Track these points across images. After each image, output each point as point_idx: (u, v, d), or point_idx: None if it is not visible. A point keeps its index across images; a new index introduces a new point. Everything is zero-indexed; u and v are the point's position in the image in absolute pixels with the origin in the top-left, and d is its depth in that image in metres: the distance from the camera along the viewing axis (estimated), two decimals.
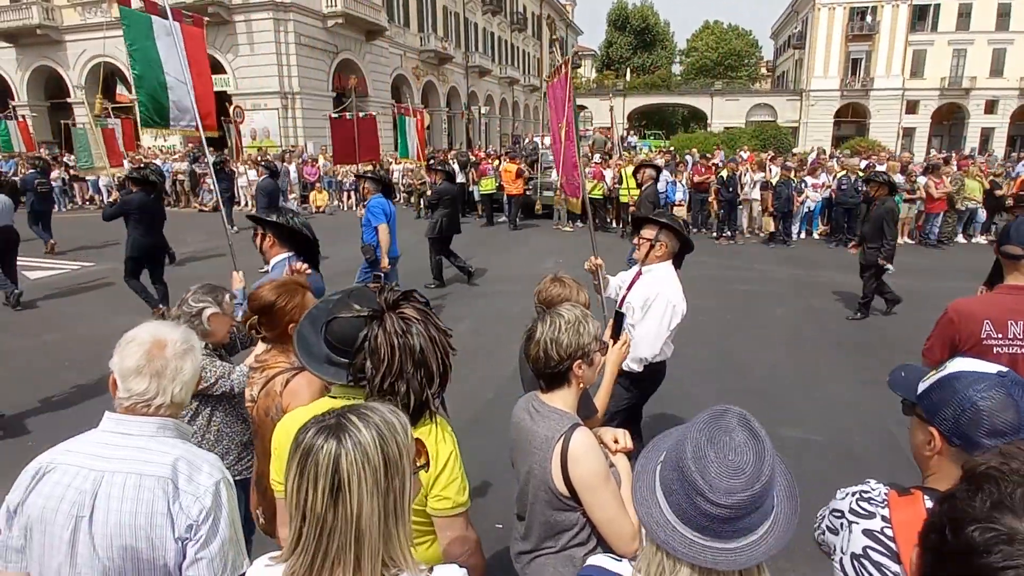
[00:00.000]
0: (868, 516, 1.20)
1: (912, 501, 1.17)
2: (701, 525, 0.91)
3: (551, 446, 1.56)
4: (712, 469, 0.90)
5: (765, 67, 59.64)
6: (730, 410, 0.97)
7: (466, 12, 36.88)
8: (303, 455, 0.94)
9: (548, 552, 1.66)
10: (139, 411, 1.35)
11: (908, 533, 1.11)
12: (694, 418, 0.99)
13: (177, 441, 1.37)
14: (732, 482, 0.89)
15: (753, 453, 0.91)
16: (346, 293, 1.51)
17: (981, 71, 39.13)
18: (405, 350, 1.34)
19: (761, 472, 0.90)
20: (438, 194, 8.66)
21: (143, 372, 1.34)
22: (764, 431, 0.95)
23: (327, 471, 0.92)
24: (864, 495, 1.24)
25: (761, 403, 4.91)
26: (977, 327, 2.12)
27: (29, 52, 26.29)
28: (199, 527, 1.28)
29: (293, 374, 1.94)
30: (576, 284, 2.36)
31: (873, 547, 1.16)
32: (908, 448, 1.33)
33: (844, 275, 8.56)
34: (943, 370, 1.22)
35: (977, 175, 12.68)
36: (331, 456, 0.92)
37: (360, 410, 0.99)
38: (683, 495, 0.92)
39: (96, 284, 8.84)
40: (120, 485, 1.27)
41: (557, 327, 1.63)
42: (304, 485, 0.92)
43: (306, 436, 0.95)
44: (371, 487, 0.93)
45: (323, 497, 0.91)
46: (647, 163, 10.64)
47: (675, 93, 49.06)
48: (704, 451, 0.92)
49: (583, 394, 1.78)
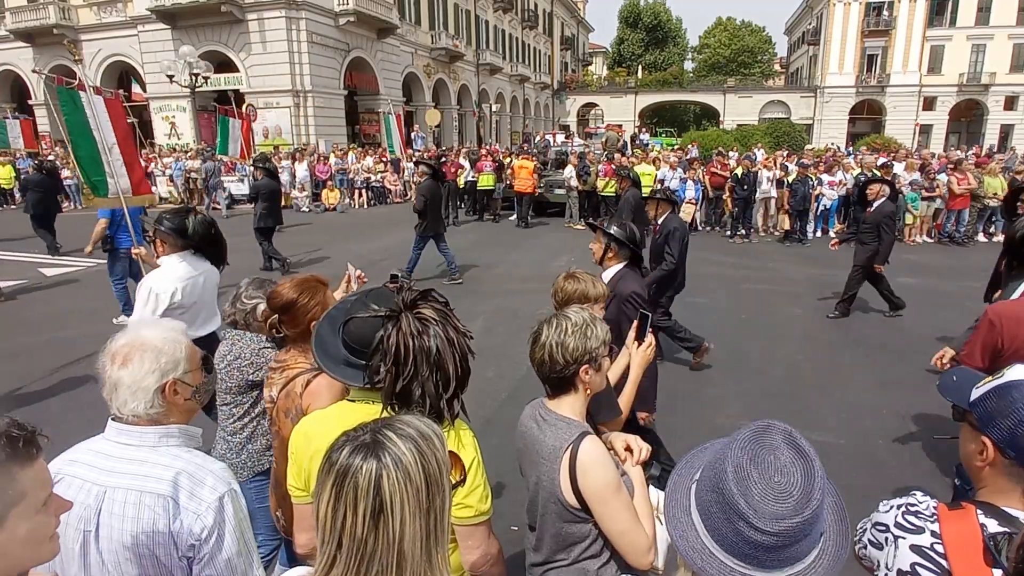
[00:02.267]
0: (916, 531, 1.12)
1: (964, 516, 1.10)
2: (743, 552, 0.84)
3: (559, 456, 1.50)
4: (756, 491, 0.82)
5: (779, 64, 59.05)
6: (774, 426, 0.89)
7: (477, 9, 36.82)
8: (339, 476, 0.86)
9: (560, 565, 1.60)
10: (135, 421, 1.30)
11: (961, 550, 1.05)
12: (734, 434, 0.92)
13: (181, 451, 1.32)
14: (778, 507, 0.81)
15: (801, 474, 0.84)
16: (364, 293, 1.47)
17: (1001, 66, 38.38)
18: (420, 351, 1.29)
19: (811, 496, 0.82)
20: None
21: (100, 380, 1.31)
22: (813, 449, 0.88)
23: (367, 493, 0.84)
24: (911, 508, 1.17)
25: (779, 405, 4.82)
26: (1022, 331, 2.03)
27: (46, 51, 26.61)
28: (202, 546, 1.24)
29: (314, 375, 1.90)
30: (591, 277, 2.30)
31: (922, 564, 1.08)
32: (931, 454, 1.26)
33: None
34: (1000, 377, 1.15)
35: (997, 173, 12.41)
36: (372, 477, 0.85)
37: (394, 424, 0.92)
38: (723, 519, 0.85)
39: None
40: (121, 502, 1.23)
41: (563, 330, 1.56)
42: (342, 508, 0.85)
43: (341, 456, 0.88)
44: (414, 508, 0.86)
45: (364, 521, 0.84)
46: (622, 168, 10.26)
47: (687, 90, 48.73)
48: (747, 471, 0.84)
49: (608, 394, 1.72)
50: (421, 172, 8.95)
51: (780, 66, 58.78)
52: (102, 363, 1.31)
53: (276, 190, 9.77)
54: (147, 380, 1.30)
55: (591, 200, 14.48)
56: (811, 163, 13.59)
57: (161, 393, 1.31)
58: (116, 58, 25.96)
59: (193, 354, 1.41)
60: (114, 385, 1.29)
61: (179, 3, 22.32)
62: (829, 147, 23.08)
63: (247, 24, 22.85)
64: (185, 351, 1.38)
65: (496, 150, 19.90)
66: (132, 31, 24.56)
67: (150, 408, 1.30)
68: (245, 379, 2.29)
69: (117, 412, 1.30)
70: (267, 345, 2.33)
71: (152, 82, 24.16)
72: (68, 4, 25.73)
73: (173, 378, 1.33)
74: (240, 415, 2.35)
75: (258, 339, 2.35)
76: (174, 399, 1.34)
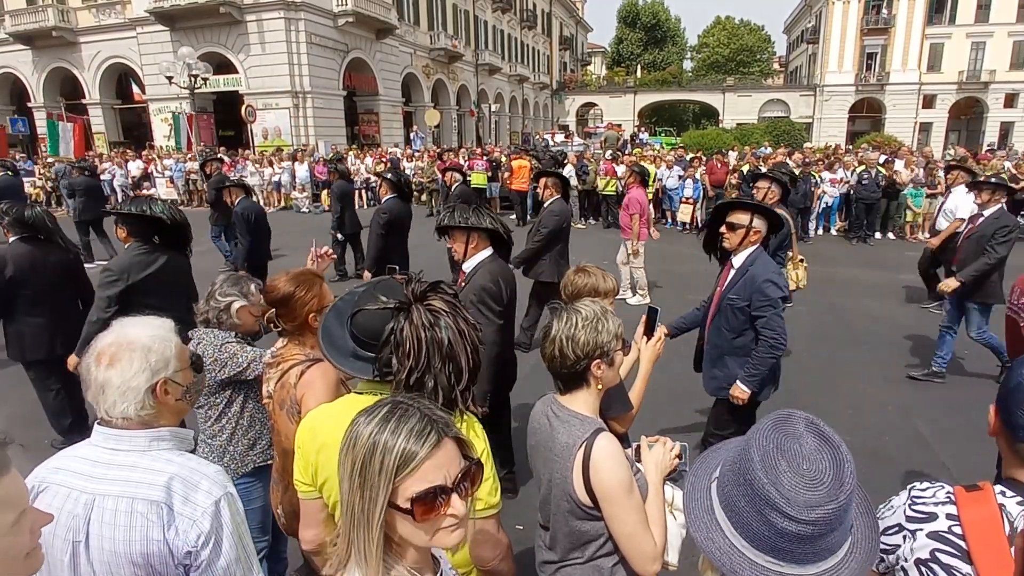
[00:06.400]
0: (929, 518, 1.10)
1: (982, 497, 1.08)
2: (776, 547, 0.80)
3: (572, 454, 1.47)
4: (786, 480, 0.79)
5: (778, 62, 59.07)
6: (794, 414, 0.87)
7: (476, 10, 36.82)
8: (367, 453, 0.85)
9: (575, 563, 1.57)
10: (124, 424, 1.25)
11: (981, 531, 1.03)
12: (754, 427, 0.88)
13: (173, 455, 1.27)
14: (811, 494, 0.78)
15: (829, 460, 0.81)
16: (372, 285, 1.44)
17: (1001, 64, 38.35)
18: (433, 344, 1.26)
19: (843, 481, 0.80)
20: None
21: (85, 382, 1.25)
22: (836, 435, 0.85)
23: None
24: (916, 500, 1.15)
25: (784, 402, 4.78)
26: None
27: (45, 54, 26.61)
28: (198, 553, 1.19)
29: (307, 366, 1.88)
30: (601, 271, 2.28)
31: (941, 548, 1.06)
32: (939, 450, 1.24)
33: (865, 271, 8.39)
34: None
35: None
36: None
37: (404, 402, 0.91)
38: (752, 512, 0.81)
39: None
40: (112, 510, 1.18)
41: (574, 324, 1.53)
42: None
43: (364, 429, 0.88)
44: None
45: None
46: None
47: (686, 89, 48.72)
48: (774, 460, 0.81)
49: (618, 388, 1.68)
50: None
51: (779, 65, 58.80)
52: (86, 365, 1.25)
53: (96, 187, 10.42)
54: (137, 380, 1.23)
55: (591, 199, 14.46)
56: (813, 160, 13.55)
57: (152, 393, 1.26)
58: (115, 60, 25.94)
59: (183, 352, 1.35)
60: (101, 387, 1.22)
61: (178, 5, 22.30)
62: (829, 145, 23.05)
63: (246, 25, 22.84)
64: (175, 349, 1.32)
65: (493, 149, 19.89)
66: (131, 33, 24.55)
67: (141, 409, 1.24)
68: (213, 379, 2.21)
69: (105, 415, 1.24)
70: (230, 340, 2.28)
71: (151, 84, 24.14)
72: (67, 7, 25.72)
73: (164, 377, 1.28)
74: (216, 417, 2.27)
75: (221, 336, 2.28)
76: (165, 399, 1.29)
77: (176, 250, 3.48)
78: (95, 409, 1.26)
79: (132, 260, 3.30)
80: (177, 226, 3.36)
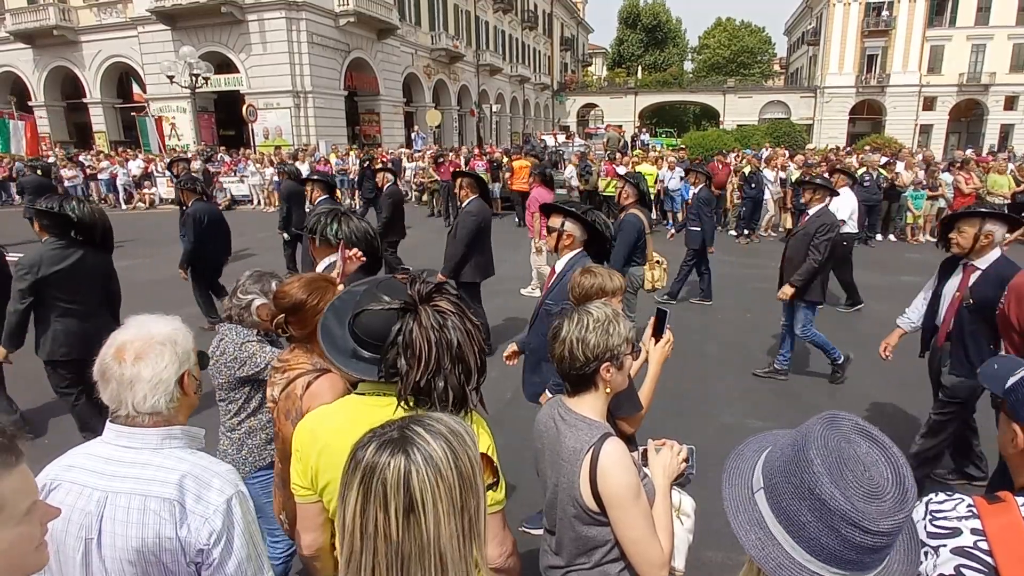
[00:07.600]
0: (952, 533, 1.08)
1: (1005, 509, 1.07)
2: (846, 559, 0.79)
3: (580, 459, 1.46)
4: (856, 493, 0.77)
5: (778, 64, 59.09)
6: (839, 416, 0.84)
7: (477, 10, 36.82)
8: (367, 474, 0.82)
9: (581, 568, 1.56)
10: (135, 422, 1.25)
11: (1007, 543, 1.01)
12: (802, 433, 0.85)
13: (185, 453, 1.27)
14: (881, 504, 0.77)
15: (885, 464, 0.79)
16: (374, 284, 1.41)
17: (1001, 66, 38.38)
18: (442, 345, 1.25)
19: (905, 486, 0.78)
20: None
21: (106, 379, 1.24)
22: (884, 435, 0.83)
23: (397, 490, 0.80)
24: (936, 515, 1.12)
25: (786, 403, 4.79)
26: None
27: (46, 53, 26.60)
28: (210, 551, 1.19)
29: (315, 376, 1.85)
30: (607, 271, 2.28)
31: (967, 564, 1.04)
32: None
33: (865, 273, 8.37)
34: None
35: (1004, 170, 12.33)
36: (400, 473, 0.80)
37: (424, 421, 0.88)
38: (823, 528, 0.79)
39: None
40: (124, 508, 1.18)
41: (584, 326, 1.52)
42: (371, 509, 0.81)
43: (366, 453, 0.84)
44: (447, 507, 0.82)
45: (396, 521, 0.80)
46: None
47: (687, 91, 48.73)
48: (840, 472, 0.78)
49: (628, 389, 1.67)
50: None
51: (780, 66, 58.82)
52: (105, 363, 1.24)
53: (47, 185, 10.71)
54: (168, 372, 1.25)
55: (593, 200, 14.44)
56: (814, 162, 13.52)
57: (179, 385, 1.28)
58: (116, 59, 25.94)
59: (194, 345, 1.38)
60: (129, 382, 1.22)
61: (179, 4, 22.30)
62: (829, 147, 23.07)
63: (247, 25, 22.84)
64: (191, 342, 1.36)
65: (493, 150, 19.88)
66: (132, 32, 24.55)
67: (170, 402, 1.26)
68: (232, 375, 2.28)
69: (132, 411, 1.23)
70: (250, 339, 2.33)
71: (152, 83, 24.14)
72: (68, 5, 25.71)
73: (187, 369, 1.31)
74: (235, 411, 2.36)
75: (242, 334, 2.34)
76: (188, 390, 1.31)
77: (100, 248, 3.59)
78: (113, 407, 1.26)
79: (44, 255, 3.40)
80: (88, 225, 3.44)
